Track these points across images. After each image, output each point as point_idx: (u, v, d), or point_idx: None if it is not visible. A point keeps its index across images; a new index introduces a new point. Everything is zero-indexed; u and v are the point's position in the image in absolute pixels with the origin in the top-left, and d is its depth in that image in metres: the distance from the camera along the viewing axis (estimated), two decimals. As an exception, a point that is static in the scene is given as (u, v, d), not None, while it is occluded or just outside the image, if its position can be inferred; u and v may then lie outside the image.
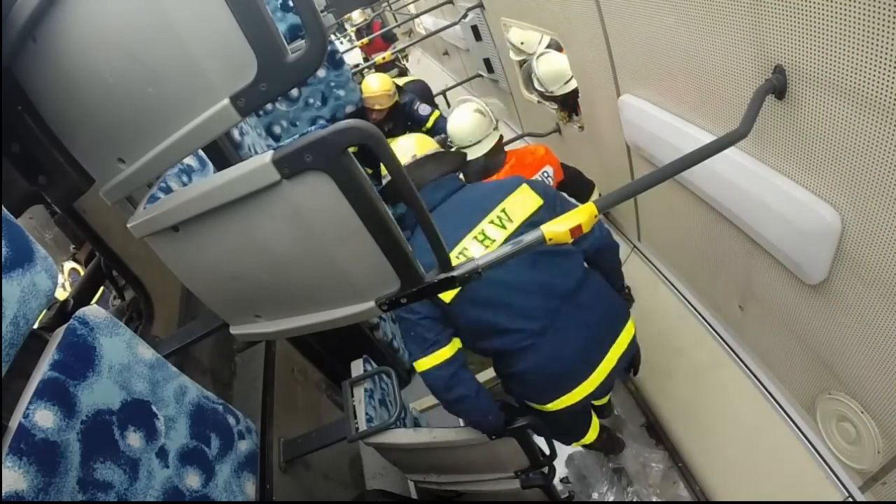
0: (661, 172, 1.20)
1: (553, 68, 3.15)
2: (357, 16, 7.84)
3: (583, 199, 2.84)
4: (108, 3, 0.85)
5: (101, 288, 2.39)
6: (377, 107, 4.13)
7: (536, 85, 3.34)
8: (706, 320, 2.44)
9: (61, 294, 2.76)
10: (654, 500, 2.41)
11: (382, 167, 2.06)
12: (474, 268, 1.05)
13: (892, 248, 1.22)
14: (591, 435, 2.33)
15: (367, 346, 2.55)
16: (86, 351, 1.13)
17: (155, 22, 0.81)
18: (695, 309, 2.51)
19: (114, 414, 1.15)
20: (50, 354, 1.06)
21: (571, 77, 3.03)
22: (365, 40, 6.55)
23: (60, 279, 3.59)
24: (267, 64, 0.77)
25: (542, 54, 3.24)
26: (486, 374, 2.76)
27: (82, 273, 2.64)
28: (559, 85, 3.13)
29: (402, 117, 4.42)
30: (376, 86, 4.14)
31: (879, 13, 0.95)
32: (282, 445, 2.06)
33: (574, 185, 2.83)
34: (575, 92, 3.08)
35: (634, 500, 2.49)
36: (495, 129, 2.62)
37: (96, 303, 2.44)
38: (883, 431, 1.53)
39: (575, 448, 2.62)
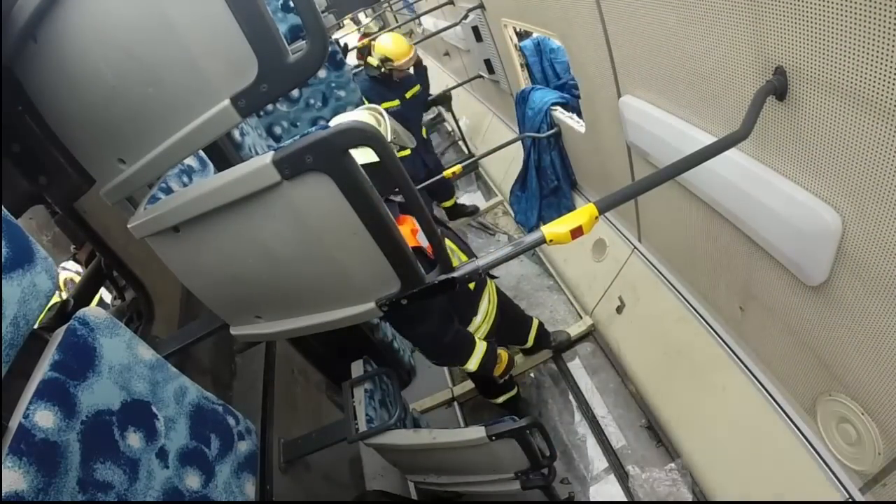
0: (662, 174, 1.21)
1: None
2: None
3: None
4: (109, 4, 0.85)
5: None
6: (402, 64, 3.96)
7: None
8: (706, 321, 2.43)
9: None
10: (654, 499, 2.41)
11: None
12: (475, 269, 1.05)
13: (893, 250, 1.22)
14: None
15: (368, 346, 2.55)
16: (86, 351, 1.13)
17: (156, 22, 0.81)
18: (695, 310, 2.51)
19: (114, 414, 1.15)
20: (50, 355, 1.06)
21: None
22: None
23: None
24: (268, 65, 0.77)
25: None
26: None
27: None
28: None
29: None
30: (401, 47, 3.94)
31: (880, 15, 0.95)
32: (282, 446, 2.06)
33: None
34: None
35: (634, 499, 2.49)
36: None
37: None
38: (883, 433, 1.52)
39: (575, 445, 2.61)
